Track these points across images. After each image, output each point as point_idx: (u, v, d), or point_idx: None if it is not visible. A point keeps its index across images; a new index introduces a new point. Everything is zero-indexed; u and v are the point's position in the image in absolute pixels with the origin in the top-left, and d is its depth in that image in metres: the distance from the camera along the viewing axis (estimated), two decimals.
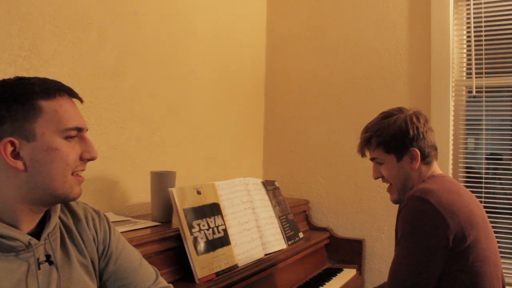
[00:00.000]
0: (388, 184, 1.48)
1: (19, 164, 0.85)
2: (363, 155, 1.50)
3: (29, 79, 0.90)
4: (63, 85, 0.93)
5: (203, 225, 1.60)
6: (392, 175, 1.43)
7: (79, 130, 0.92)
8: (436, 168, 1.44)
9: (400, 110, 1.45)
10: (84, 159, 0.92)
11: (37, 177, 0.86)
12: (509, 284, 2.06)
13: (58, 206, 0.97)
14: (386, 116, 1.45)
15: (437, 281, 1.26)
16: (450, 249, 1.23)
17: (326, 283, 2.02)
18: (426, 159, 1.40)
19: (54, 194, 0.89)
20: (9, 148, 0.84)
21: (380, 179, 1.48)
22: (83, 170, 0.94)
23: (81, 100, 0.96)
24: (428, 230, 1.23)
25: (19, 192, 0.86)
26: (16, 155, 0.85)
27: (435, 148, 1.43)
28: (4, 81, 0.89)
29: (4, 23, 1.36)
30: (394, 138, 1.39)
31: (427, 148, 1.39)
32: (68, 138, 0.89)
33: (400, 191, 1.44)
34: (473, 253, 1.25)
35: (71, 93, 0.93)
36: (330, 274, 2.16)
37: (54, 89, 0.89)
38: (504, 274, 2.08)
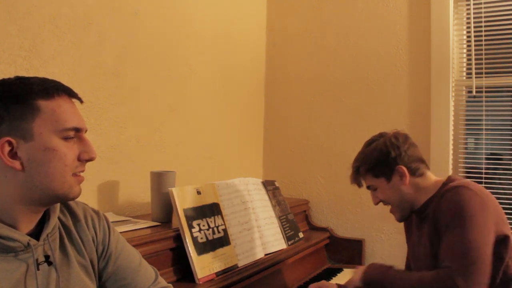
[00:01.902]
0: (390, 206, 1.56)
1: (17, 164, 0.84)
2: (359, 185, 1.60)
3: (28, 78, 0.89)
4: (62, 85, 0.92)
5: (203, 225, 1.60)
6: (388, 197, 1.52)
7: (78, 130, 0.91)
8: (433, 177, 1.52)
9: (380, 135, 1.56)
10: (82, 160, 0.92)
11: (35, 177, 0.86)
12: None
13: (58, 206, 0.97)
14: (368, 143, 1.56)
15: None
16: (495, 232, 1.33)
17: None
18: (416, 172, 1.49)
19: (53, 194, 0.88)
20: (7, 148, 0.84)
21: (382, 203, 1.57)
22: (82, 171, 0.93)
23: (80, 101, 0.96)
24: (478, 212, 1.32)
25: (17, 192, 0.86)
26: (13, 155, 0.84)
27: (422, 161, 1.52)
28: (3, 80, 0.89)
29: (4, 23, 1.36)
30: (378, 162, 1.49)
31: (413, 163, 1.49)
32: (66, 138, 0.89)
33: (400, 209, 1.53)
34: (507, 237, 1.35)
35: (70, 93, 0.93)
36: (330, 274, 2.15)
37: (53, 89, 0.89)
38: None
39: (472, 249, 1.29)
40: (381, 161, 1.49)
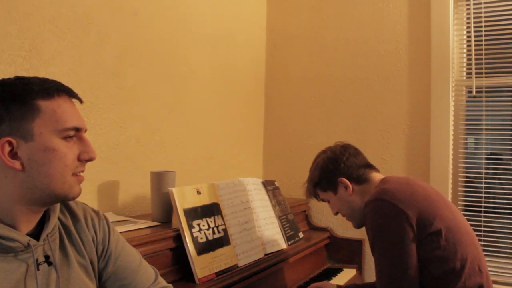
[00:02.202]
0: (344, 217, 1.62)
1: (17, 164, 0.84)
2: (317, 198, 1.67)
3: (28, 78, 0.89)
4: (62, 85, 0.92)
5: (203, 225, 1.60)
6: (339, 208, 1.60)
7: (78, 130, 0.91)
8: (378, 177, 1.54)
9: (323, 151, 1.64)
10: (82, 160, 0.92)
11: (35, 177, 0.86)
12: (509, 284, 2.07)
13: (58, 206, 0.97)
14: (313, 162, 1.65)
15: (425, 264, 1.33)
16: (419, 234, 1.32)
17: None
18: (359, 180, 1.54)
19: (53, 194, 0.88)
20: (7, 148, 0.84)
21: (339, 214, 1.64)
22: (82, 171, 0.93)
23: (80, 101, 0.96)
24: (392, 225, 1.33)
25: (17, 192, 0.86)
26: (13, 155, 0.85)
27: (365, 166, 1.57)
28: (3, 80, 0.89)
29: (4, 23, 1.36)
30: (320, 177, 1.59)
31: (354, 172, 1.54)
32: (66, 138, 0.89)
33: (353, 217, 1.58)
34: (443, 229, 1.33)
35: (70, 93, 0.93)
36: (330, 274, 2.16)
37: (53, 89, 0.89)
38: (505, 274, 2.08)
39: (390, 266, 1.34)
40: (323, 176, 1.57)
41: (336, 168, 1.54)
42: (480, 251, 1.41)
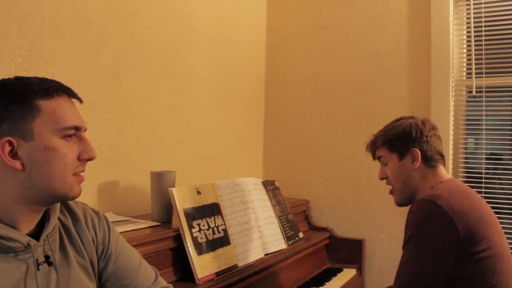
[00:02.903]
0: (391, 187, 1.54)
1: (17, 164, 0.84)
2: (373, 155, 1.59)
3: (28, 78, 0.89)
4: (62, 84, 0.92)
5: (203, 225, 1.60)
6: (394, 175, 1.50)
7: (77, 129, 0.91)
8: (443, 172, 1.48)
9: (411, 117, 1.55)
10: (82, 159, 0.92)
11: (36, 177, 0.86)
12: None
13: (58, 206, 0.97)
14: (397, 119, 1.57)
15: (453, 282, 1.27)
16: (462, 250, 1.25)
17: (326, 283, 2.02)
18: (429, 162, 1.46)
19: (53, 193, 0.88)
20: (7, 148, 0.84)
21: (385, 180, 1.56)
22: (83, 170, 0.94)
23: (80, 100, 0.96)
24: (436, 232, 1.27)
25: (17, 192, 0.86)
26: (14, 154, 0.85)
27: (440, 154, 1.49)
28: (3, 80, 0.89)
29: (4, 23, 1.36)
30: (397, 137, 1.48)
31: (430, 151, 1.46)
32: (66, 137, 0.89)
33: (401, 192, 1.50)
34: (487, 252, 1.27)
35: (70, 93, 0.93)
36: (330, 274, 2.16)
37: (52, 88, 0.89)
38: None
39: (414, 272, 1.29)
40: (400, 137, 1.48)
41: (417, 138, 1.46)
42: None
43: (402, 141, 1.48)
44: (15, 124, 0.84)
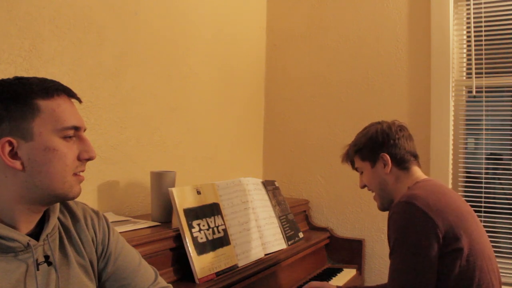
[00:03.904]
0: (373, 193, 1.57)
1: (17, 164, 0.84)
2: (351, 165, 1.62)
3: (27, 78, 0.89)
4: (61, 84, 0.92)
5: (203, 225, 1.60)
6: (370, 182, 1.54)
7: (77, 129, 0.91)
8: (418, 173, 1.50)
9: (378, 122, 1.57)
10: (82, 159, 0.92)
11: (36, 177, 0.86)
12: (509, 284, 2.06)
13: (57, 206, 0.97)
14: (364, 128, 1.58)
15: (436, 281, 1.28)
16: (443, 247, 1.27)
17: None
18: (401, 164, 1.48)
19: (53, 193, 0.88)
20: (7, 148, 0.84)
21: (366, 188, 1.59)
22: (83, 170, 0.94)
23: (79, 100, 0.96)
24: (418, 232, 1.28)
25: (17, 192, 0.86)
26: (14, 155, 0.85)
27: (414, 155, 1.51)
28: (3, 80, 0.89)
29: (4, 23, 1.36)
30: (365, 145, 1.52)
31: (400, 154, 1.48)
32: (66, 138, 0.89)
33: (381, 197, 1.54)
34: (467, 249, 1.28)
35: (69, 93, 0.93)
36: (330, 274, 2.16)
37: (52, 88, 0.89)
38: (504, 274, 2.08)
39: (407, 275, 1.28)
40: (368, 145, 1.51)
41: (384, 142, 1.48)
42: (498, 279, 1.36)
43: (370, 148, 1.50)
44: (15, 124, 0.84)
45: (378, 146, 1.49)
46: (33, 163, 0.85)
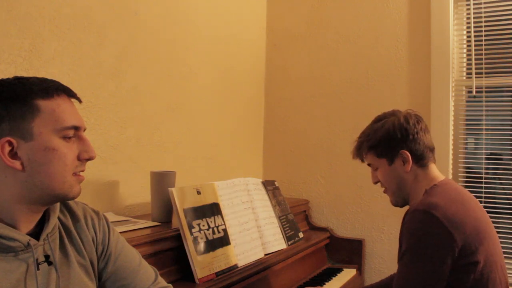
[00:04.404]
0: (384, 188, 1.48)
1: (17, 164, 0.84)
2: (361, 160, 1.50)
3: (27, 78, 0.90)
4: (61, 84, 0.92)
5: (203, 225, 1.60)
6: (386, 180, 1.43)
7: (77, 129, 0.92)
8: (435, 172, 1.41)
9: (392, 113, 1.44)
10: (82, 159, 0.92)
11: (35, 177, 0.86)
12: (509, 284, 2.06)
13: (57, 206, 0.97)
14: (377, 120, 1.45)
15: None
16: (457, 261, 1.21)
17: (326, 283, 2.02)
18: (420, 161, 1.38)
19: (53, 193, 0.89)
20: (7, 148, 0.84)
21: (379, 183, 1.49)
22: (83, 170, 0.94)
23: (79, 100, 0.96)
24: (434, 244, 1.21)
25: (17, 192, 0.86)
26: (13, 155, 0.85)
27: (431, 150, 1.41)
28: (2, 80, 0.89)
29: (4, 23, 1.36)
30: (382, 141, 1.39)
31: (420, 150, 1.37)
32: (65, 138, 0.89)
33: (396, 195, 1.44)
34: (483, 261, 1.23)
35: (69, 93, 0.93)
36: (330, 274, 2.16)
37: (52, 88, 0.89)
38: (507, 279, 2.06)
39: (412, 284, 1.23)
40: (385, 141, 1.38)
41: (403, 139, 1.36)
42: (505, 272, 1.32)
43: (388, 144, 1.38)
44: (14, 124, 0.84)
45: (396, 143, 1.37)
46: (33, 163, 0.85)
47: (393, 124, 1.38)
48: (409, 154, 1.37)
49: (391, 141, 1.38)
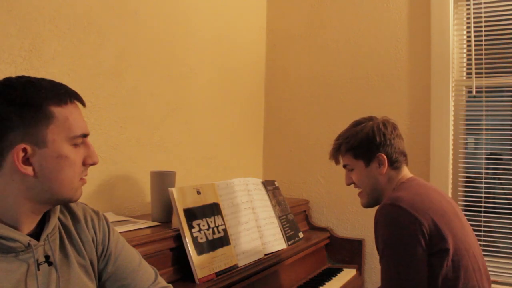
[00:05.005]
0: (360, 190, 1.55)
1: (29, 170, 0.85)
2: (336, 162, 1.58)
3: (39, 82, 0.88)
4: (72, 90, 0.93)
5: (203, 225, 1.60)
6: (362, 181, 1.51)
7: (84, 136, 0.93)
8: (406, 173, 1.49)
9: (370, 118, 1.53)
10: (86, 164, 0.94)
11: (46, 183, 0.87)
12: (509, 284, 2.07)
13: (58, 206, 0.97)
14: (356, 124, 1.53)
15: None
16: (430, 248, 1.27)
17: (326, 283, 2.02)
18: (394, 164, 1.47)
19: (60, 197, 0.90)
20: (21, 154, 0.84)
21: (353, 184, 1.56)
22: (86, 175, 0.95)
23: (84, 105, 0.96)
24: (405, 233, 1.28)
25: (22, 194, 0.86)
26: (25, 160, 0.85)
27: (404, 154, 1.50)
28: (11, 82, 0.87)
29: (4, 23, 1.36)
30: (361, 144, 1.47)
31: (395, 154, 1.46)
32: (75, 145, 0.90)
33: (369, 196, 1.52)
34: (452, 249, 1.28)
35: (78, 99, 0.94)
36: (330, 274, 2.16)
37: (65, 95, 0.90)
38: (504, 274, 2.08)
39: (399, 279, 1.28)
40: (364, 144, 1.47)
41: (381, 143, 1.45)
42: (484, 276, 1.36)
43: (367, 147, 1.46)
44: (28, 130, 0.84)
45: (375, 146, 1.45)
46: (45, 170, 0.86)
47: (372, 129, 1.47)
48: (385, 157, 1.45)
49: (370, 144, 1.46)
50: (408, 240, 1.27)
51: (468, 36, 2.23)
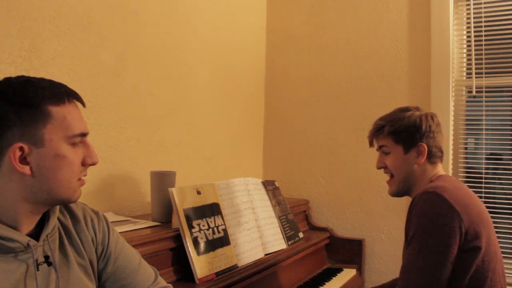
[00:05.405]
0: (389, 176, 1.51)
1: (26, 169, 0.85)
2: (371, 143, 1.54)
3: (38, 81, 0.89)
4: (70, 89, 0.93)
5: (203, 225, 1.60)
6: (396, 166, 1.47)
7: (83, 135, 0.93)
8: (440, 169, 1.47)
9: (417, 108, 1.51)
10: (86, 165, 0.93)
11: (43, 182, 0.87)
12: (509, 284, 2.06)
13: (57, 207, 0.97)
14: (402, 109, 1.51)
15: (451, 278, 1.25)
16: (464, 244, 1.25)
17: (326, 283, 2.02)
18: (431, 158, 1.45)
19: (58, 198, 0.90)
20: (18, 153, 0.84)
21: (383, 170, 1.51)
22: (85, 175, 0.95)
23: (84, 105, 0.96)
24: (443, 222, 1.24)
25: (21, 194, 0.86)
26: (23, 159, 0.85)
27: (441, 151, 1.48)
28: (10, 81, 0.87)
29: (4, 23, 1.36)
30: (406, 129, 1.44)
31: (434, 148, 1.44)
32: (73, 144, 0.90)
33: (400, 184, 1.47)
34: (484, 249, 1.26)
35: (77, 98, 0.94)
36: (330, 274, 2.16)
37: (63, 94, 0.90)
38: (505, 274, 2.07)
39: (425, 268, 1.24)
40: (409, 130, 1.44)
41: (426, 133, 1.43)
42: (505, 282, 1.36)
43: (411, 134, 1.44)
44: (26, 129, 0.84)
45: (419, 134, 1.43)
46: (42, 169, 0.86)
47: (420, 118, 1.45)
48: (426, 148, 1.43)
49: (415, 132, 1.44)
50: (443, 232, 1.24)
51: (468, 36, 2.23)
